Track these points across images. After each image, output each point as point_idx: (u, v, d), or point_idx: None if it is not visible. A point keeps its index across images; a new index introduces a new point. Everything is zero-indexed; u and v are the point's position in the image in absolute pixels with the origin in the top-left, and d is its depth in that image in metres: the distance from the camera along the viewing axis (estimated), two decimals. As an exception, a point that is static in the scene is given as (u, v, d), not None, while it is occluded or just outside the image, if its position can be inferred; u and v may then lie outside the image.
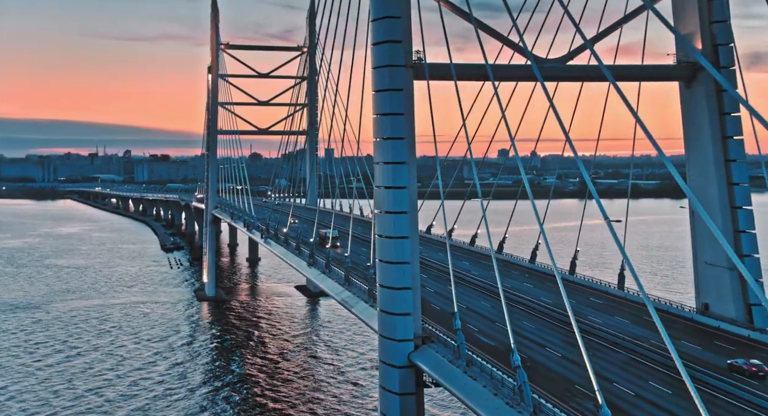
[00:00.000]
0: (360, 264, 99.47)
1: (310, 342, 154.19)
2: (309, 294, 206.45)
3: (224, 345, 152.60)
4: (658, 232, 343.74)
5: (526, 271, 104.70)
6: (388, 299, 65.82)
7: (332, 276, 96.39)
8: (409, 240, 65.34)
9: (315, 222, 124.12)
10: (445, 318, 73.84)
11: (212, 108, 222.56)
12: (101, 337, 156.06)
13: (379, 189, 67.85)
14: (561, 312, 75.92)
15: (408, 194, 65.91)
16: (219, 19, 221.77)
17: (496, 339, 66.47)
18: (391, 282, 65.43)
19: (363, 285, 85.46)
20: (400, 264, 65.07)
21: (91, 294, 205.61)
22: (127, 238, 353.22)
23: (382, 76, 67.07)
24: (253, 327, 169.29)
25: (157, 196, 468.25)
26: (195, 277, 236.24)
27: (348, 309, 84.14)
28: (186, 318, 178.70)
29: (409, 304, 64.81)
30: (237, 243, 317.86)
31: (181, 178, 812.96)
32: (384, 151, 66.98)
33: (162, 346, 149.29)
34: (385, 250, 66.45)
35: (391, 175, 66.16)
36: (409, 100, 67.11)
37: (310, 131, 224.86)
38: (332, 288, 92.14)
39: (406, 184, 65.95)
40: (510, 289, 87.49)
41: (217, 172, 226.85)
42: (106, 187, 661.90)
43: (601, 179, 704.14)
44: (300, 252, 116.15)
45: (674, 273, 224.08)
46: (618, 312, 78.92)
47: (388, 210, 66.32)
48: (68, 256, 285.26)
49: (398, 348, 64.67)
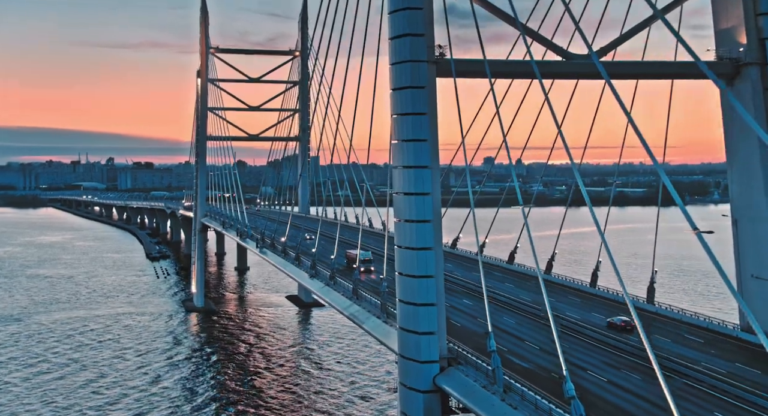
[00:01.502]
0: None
1: (307, 355, 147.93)
2: (301, 304, 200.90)
3: (216, 359, 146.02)
4: (667, 240, 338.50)
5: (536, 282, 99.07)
6: (409, 316, 59.95)
7: (338, 288, 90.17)
8: (432, 252, 59.59)
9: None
10: (469, 336, 68.25)
11: (201, 113, 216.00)
12: (86, 351, 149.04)
13: (399, 195, 62.13)
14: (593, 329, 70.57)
15: (432, 201, 60.19)
16: (209, 22, 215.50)
17: (531, 362, 60.74)
18: (414, 298, 59.59)
19: (374, 299, 79.61)
20: (423, 278, 59.28)
21: (75, 305, 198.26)
22: (111, 247, 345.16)
23: (403, 73, 61.42)
24: (246, 339, 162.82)
25: (141, 204, 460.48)
26: (182, 287, 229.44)
27: (358, 325, 78.05)
28: (175, 330, 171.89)
29: (434, 322, 58.97)
30: (225, 252, 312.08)
31: (165, 185, 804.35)
32: (404, 153, 61.30)
33: (151, 360, 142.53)
34: (406, 263, 60.65)
35: (413, 181, 60.45)
36: (432, 99, 61.51)
37: (302, 137, 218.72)
38: (339, 302, 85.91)
39: (429, 190, 60.26)
40: (534, 303, 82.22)
41: (206, 179, 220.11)
42: (91, 195, 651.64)
43: (588, 187, 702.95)
44: (300, 262, 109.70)
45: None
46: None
47: (410, 218, 60.55)
48: (50, 266, 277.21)
49: (422, 370, 58.78)
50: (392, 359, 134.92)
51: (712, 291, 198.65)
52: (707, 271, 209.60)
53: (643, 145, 47.78)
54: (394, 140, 62.98)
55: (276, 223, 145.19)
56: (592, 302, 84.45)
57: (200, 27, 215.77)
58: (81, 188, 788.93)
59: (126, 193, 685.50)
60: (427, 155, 60.45)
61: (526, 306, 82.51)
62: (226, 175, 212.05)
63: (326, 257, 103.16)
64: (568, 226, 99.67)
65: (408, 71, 60.96)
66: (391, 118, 62.99)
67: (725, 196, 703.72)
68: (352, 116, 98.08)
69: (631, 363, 60.49)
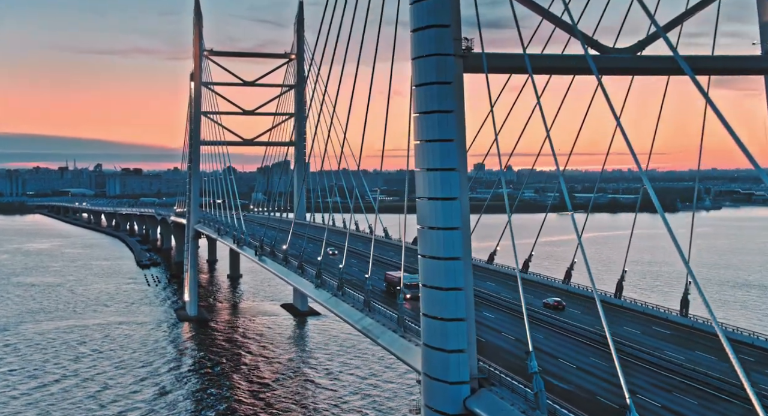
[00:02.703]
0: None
1: (305, 366, 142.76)
2: (296, 313, 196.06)
3: (211, 370, 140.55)
4: (653, 247, 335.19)
5: (555, 291, 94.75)
6: (436, 332, 54.83)
7: (347, 299, 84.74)
8: (461, 262, 54.53)
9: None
10: (496, 352, 63.36)
11: (195, 117, 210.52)
12: (77, 362, 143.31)
13: (422, 201, 57.13)
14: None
15: (460, 207, 55.21)
16: (202, 24, 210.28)
17: (571, 383, 55.77)
18: (441, 312, 54.50)
19: (388, 311, 74.48)
20: (451, 290, 54.23)
21: (65, 314, 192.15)
22: (101, 254, 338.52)
23: (427, 68, 56.46)
24: (241, 349, 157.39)
25: (131, 211, 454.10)
26: (174, 295, 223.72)
27: (372, 339, 72.74)
28: (168, 340, 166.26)
29: (463, 339, 53.82)
30: (216, 259, 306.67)
31: (154, 192, 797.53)
32: (428, 155, 56.32)
33: (144, 372, 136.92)
34: (431, 274, 55.61)
35: (439, 184, 55.45)
36: (460, 95, 56.60)
37: (298, 141, 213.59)
38: (349, 315, 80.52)
39: (456, 194, 55.27)
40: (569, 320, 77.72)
41: (200, 184, 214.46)
42: (84, 202, 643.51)
43: (579, 193, 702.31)
44: (303, 271, 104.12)
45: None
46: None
47: (435, 225, 55.52)
48: (38, 274, 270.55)
49: (450, 392, 53.64)
50: (401, 370, 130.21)
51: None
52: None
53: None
54: (416, 141, 58.05)
55: (273, 230, 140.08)
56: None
57: (194, 29, 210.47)
58: (69, 194, 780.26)
59: (115, 199, 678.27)
60: (455, 156, 55.50)
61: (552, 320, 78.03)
62: (218, 181, 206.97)
63: (333, 266, 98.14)
64: (562, 233, 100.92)
65: (433, 66, 56.05)
66: (414, 116, 58.09)
67: (716, 203, 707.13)
68: (349, 121, 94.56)
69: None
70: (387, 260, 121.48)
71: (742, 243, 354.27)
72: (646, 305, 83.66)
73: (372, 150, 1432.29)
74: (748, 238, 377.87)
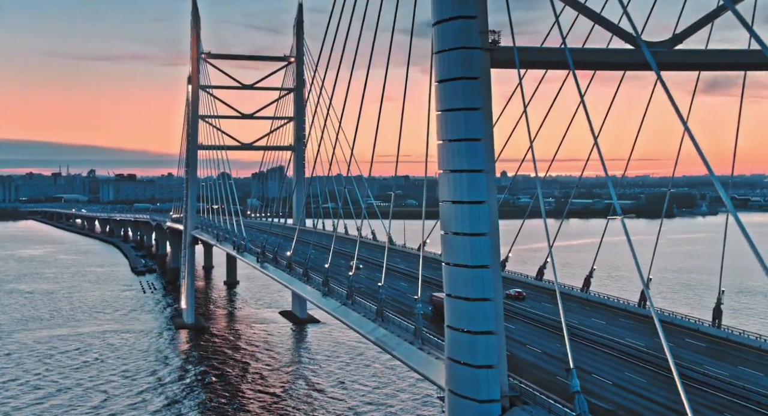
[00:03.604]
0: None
1: (309, 375, 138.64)
2: (296, 320, 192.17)
3: (210, 380, 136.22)
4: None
5: (576, 301, 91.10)
6: (463, 346, 50.91)
7: (357, 308, 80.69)
8: (490, 271, 50.72)
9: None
10: (525, 367, 59.53)
11: (192, 121, 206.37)
12: (71, 371, 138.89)
13: (446, 204, 53.34)
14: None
15: (488, 211, 51.43)
16: (200, 26, 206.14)
17: (611, 401, 51.89)
18: (469, 325, 50.59)
19: (404, 322, 70.52)
20: (480, 301, 50.38)
21: (59, 322, 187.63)
22: (95, 261, 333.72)
23: (451, 62, 52.73)
24: (241, 358, 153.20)
25: (125, 216, 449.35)
26: (170, 302, 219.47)
27: (387, 351, 68.73)
28: (165, 348, 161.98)
29: (493, 354, 49.91)
30: (212, 266, 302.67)
31: (148, 197, 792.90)
32: (453, 155, 52.54)
33: (141, 382, 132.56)
34: (457, 283, 51.74)
35: (466, 187, 51.66)
36: (487, 91, 52.87)
37: (297, 146, 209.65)
38: (360, 325, 76.44)
39: (484, 197, 51.49)
40: (590, 328, 73.83)
41: (197, 189, 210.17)
42: (73, 207, 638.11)
43: (575, 199, 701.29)
44: (309, 279, 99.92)
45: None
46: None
47: (460, 231, 51.67)
48: (31, 281, 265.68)
49: (480, 411, 49.66)
50: (411, 380, 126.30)
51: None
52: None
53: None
54: (439, 140, 54.29)
55: (274, 236, 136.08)
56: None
57: (191, 31, 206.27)
58: (62, 200, 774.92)
59: (108, 205, 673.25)
60: (482, 157, 51.74)
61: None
62: (217, 186, 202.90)
63: (341, 273, 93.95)
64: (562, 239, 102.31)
65: (458, 60, 52.31)
66: (437, 115, 54.36)
67: (713, 208, 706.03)
68: (352, 126, 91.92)
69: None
70: (396, 267, 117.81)
71: (746, 249, 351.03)
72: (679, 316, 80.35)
73: (365, 155, 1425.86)
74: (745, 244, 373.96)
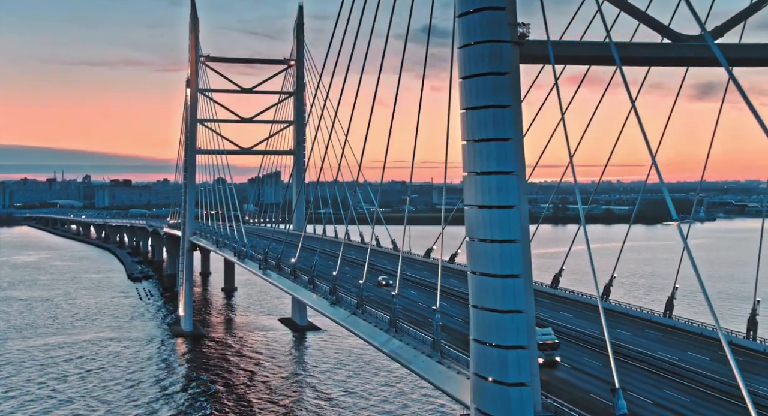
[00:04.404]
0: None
1: (312, 384, 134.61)
2: (295, 327, 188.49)
3: (211, 389, 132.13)
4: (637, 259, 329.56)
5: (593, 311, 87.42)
6: (492, 362, 47.27)
7: (368, 318, 76.96)
8: (521, 280, 47.16)
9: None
10: (555, 384, 55.85)
11: (190, 125, 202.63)
12: (66, 381, 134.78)
13: (472, 209, 49.81)
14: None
15: (518, 216, 47.90)
16: (199, 29, 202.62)
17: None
18: (498, 339, 46.96)
19: (419, 333, 66.83)
20: (510, 313, 46.81)
21: (54, 330, 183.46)
22: (90, 267, 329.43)
23: (478, 56, 49.26)
24: (241, 366, 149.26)
25: (121, 222, 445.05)
26: (168, 310, 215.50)
27: (403, 365, 64.96)
28: (163, 357, 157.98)
29: (526, 370, 46.30)
30: (210, 272, 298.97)
31: (144, 203, 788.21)
32: (480, 156, 49.02)
33: (138, 392, 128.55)
34: (484, 293, 48.15)
35: (494, 190, 48.12)
36: (516, 88, 49.44)
37: (297, 150, 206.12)
38: (371, 336, 72.64)
39: (514, 202, 47.97)
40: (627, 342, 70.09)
41: (195, 195, 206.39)
42: (69, 213, 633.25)
43: (572, 204, 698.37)
44: (315, 287, 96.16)
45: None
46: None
47: (488, 238, 48.17)
48: (26, 287, 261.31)
49: (511, 431, 46.16)
50: (422, 391, 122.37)
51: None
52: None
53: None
54: (463, 141, 50.81)
55: (276, 243, 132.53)
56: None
57: (190, 34, 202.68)
58: (57, 206, 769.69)
59: (104, 210, 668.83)
60: (512, 158, 48.25)
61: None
62: (213, 191, 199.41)
63: (347, 280, 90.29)
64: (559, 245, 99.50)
65: (486, 53, 48.85)
66: (461, 113, 50.87)
67: (710, 214, 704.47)
68: (353, 130, 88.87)
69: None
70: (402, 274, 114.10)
71: (750, 255, 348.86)
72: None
73: (366, 161, 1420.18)
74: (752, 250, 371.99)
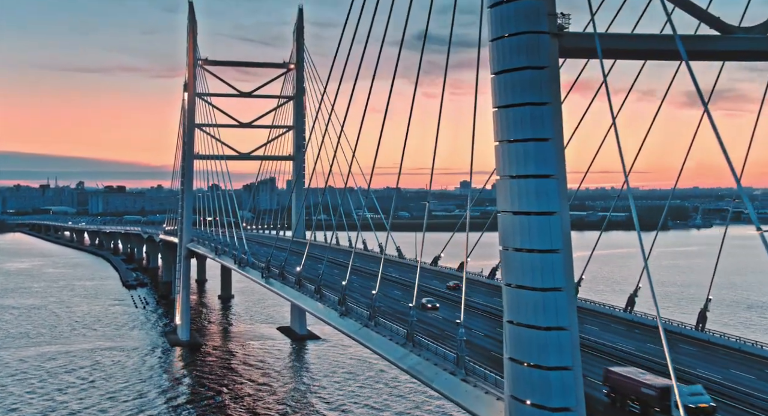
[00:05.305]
0: None
1: (314, 394, 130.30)
2: (294, 336, 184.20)
3: (210, 401, 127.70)
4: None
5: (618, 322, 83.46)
6: (532, 384, 43.08)
7: (382, 331, 72.53)
8: (564, 294, 43.02)
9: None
10: (595, 407, 51.50)
11: (188, 130, 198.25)
12: (61, 393, 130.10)
13: (506, 215, 45.69)
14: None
15: (560, 224, 43.77)
16: (197, 32, 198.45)
17: None
18: (539, 359, 42.78)
19: (440, 348, 62.47)
20: (552, 330, 42.66)
21: (47, 339, 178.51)
22: (84, 274, 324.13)
23: (513, 49, 45.22)
24: (240, 377, 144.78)
25: (115, 229, 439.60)
26: (164, 318, 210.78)
27: (424, 382, 60.50)
28: (159, 367, 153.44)
29: (570, 393, 42.20)
30: (206, 279, 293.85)
31: (138, 209, 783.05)
32: (516, 158, 44.92)
33: (135, 404, 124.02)
34: (522, 308, 44.01)
35: (533, 195, 44.03)
36: (555, 83, 45.40)
37: (297, 155, 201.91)
38: (388, 350, 68.11)
39: (555, 208, 43.87)
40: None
41: (193, 201, 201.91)
42: (62, 219, 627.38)
43: (575, 211, 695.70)
44: (322, 296, 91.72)
45: None
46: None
47: (526, 247, 44.01)
48: (18, 295, 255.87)
49: (555, 461, 41.95)
50: (434, 401, 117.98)
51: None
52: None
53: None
54: (496, 141, 46.75)
55: (279, 250, 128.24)
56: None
57: (188, 37, 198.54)
58: (50, 212, 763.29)
59: (98, 217, 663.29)
60: (552, 160, 44.15)
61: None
62: (211, 197, 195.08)
63: (353, 289, 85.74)
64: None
65: (523, 46, 44.82)
66: (493, 111, 46.84)
67: (706, 221, 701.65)
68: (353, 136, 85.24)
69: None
70: (410, 282, 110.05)
71: (754, 262, 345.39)
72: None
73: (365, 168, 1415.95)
74: (753, 257, 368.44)
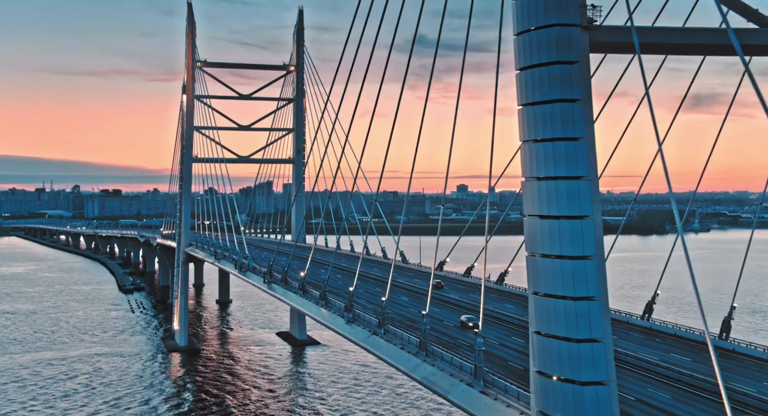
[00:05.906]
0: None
1: (316, 402, 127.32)
2: (294, 342, 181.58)
3: (210, 408, 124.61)
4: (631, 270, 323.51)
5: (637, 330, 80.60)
6: (565, 400, 40.30)
7: (393, 339, 69.63)
8: (597, 304, 40.31)
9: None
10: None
11: (187, 132, 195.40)
12: (58, 400, 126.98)
13: (532, 219, 42.96)
14: None
15: (592, 228, 41.08)
16: (195, 33, 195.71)
17: None
18: (571, 373, 40.05)
19: (455, 358, 59.71)
20: (584, 342, 39.93)
21: (42, 345, 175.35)
22: (80, 279, 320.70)
23: (542, 43, 42.54)
24: (240, 383, 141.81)
25: (112, 232, 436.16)
26: (161, 323, 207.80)
27: (439, 394, 57.62)
28: (157, 373, 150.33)
29: (606, 411, 39.47)
30: (203, 283, 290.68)
31: (134, 213, 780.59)
32: (545, 159, 42.21)
33: (134, 411, 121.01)
34: (550, 318, 41.26)
35: (563, 198, 41.32)
36: (587, 80, 42.72)
37: (296, 158, 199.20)
38: (399, 360, 65.23)
39: (587, 211, 41.16)
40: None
41: (191, 204, 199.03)
42: (57, 223, 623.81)
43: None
44: (328, 303, 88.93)
45: None
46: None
47: (555, 253, 41.28)
48: (13, 300, 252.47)
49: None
50: (438, 408, 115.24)
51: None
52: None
53: None
54: (522, 141, 44.08)
55: (280, 255, 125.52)
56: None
57: (186, 38, 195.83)
58: (46, 216, 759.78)
59: (93, 220, 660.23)
60: (584, 160, 41.45)
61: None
62: (211, 201, 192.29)
63: (360, 295, 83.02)
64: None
65: (552, 40, 42.13)
66: (519, 109, 44.16)
67: (704, 225, 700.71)
68: (354, 138, 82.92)
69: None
70: (417, 288, 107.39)
71: (753, 267, 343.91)
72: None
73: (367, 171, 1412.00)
74: (752, 261, 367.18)
